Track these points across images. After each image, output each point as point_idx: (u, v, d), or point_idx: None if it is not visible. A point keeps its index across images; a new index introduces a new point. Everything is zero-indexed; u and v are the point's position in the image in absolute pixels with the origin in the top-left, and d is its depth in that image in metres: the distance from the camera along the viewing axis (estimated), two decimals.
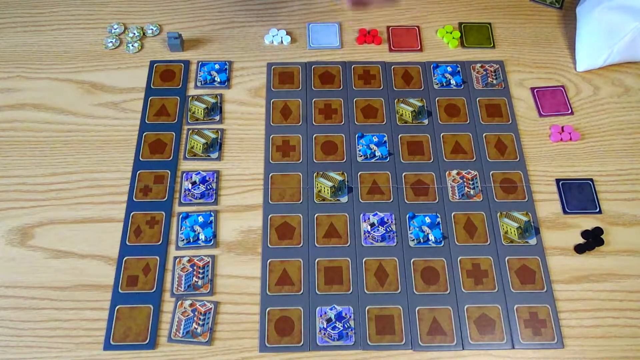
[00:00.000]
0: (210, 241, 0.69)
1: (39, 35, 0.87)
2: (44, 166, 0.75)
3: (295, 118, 0.79)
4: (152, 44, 0.86)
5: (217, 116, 0.79)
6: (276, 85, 0.82)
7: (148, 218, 0.71)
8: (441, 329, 0.64)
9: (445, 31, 0.87)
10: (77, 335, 0.63)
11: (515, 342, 0.64)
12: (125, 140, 0.77)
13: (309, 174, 0.74)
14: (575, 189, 0.74)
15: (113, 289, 0.66)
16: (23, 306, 0.65)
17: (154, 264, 0.68)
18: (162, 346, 0.63)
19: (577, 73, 0.84)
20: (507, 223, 0.71)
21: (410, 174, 0.74)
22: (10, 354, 0.62)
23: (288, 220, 0.71)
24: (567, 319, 0.65)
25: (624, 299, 0.66)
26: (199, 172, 0.74)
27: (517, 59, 0.85)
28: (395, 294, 0.66)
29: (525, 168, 0.75)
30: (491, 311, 0.65)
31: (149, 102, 0.80)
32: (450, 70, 0.83)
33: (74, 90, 0.81)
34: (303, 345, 0.63)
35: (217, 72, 0.83)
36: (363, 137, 0.77)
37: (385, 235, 0.70)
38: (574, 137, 0.77)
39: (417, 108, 0.80)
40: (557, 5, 0.92)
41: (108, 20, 0.88)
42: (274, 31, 0.87)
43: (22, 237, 0.69)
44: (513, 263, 0.68)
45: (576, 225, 0.71)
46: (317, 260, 0.68)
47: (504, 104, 0.80)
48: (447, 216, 0.71)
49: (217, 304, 0.65)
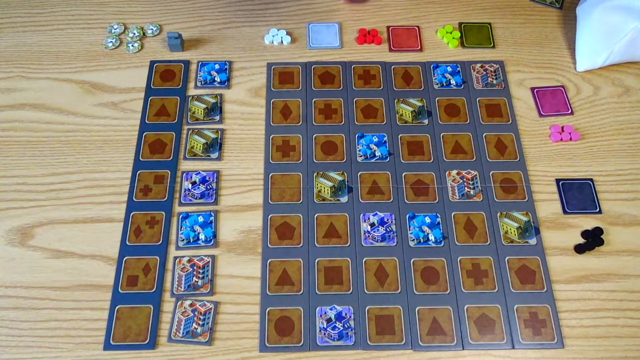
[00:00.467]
0: (210, 241, 0.69)
1: (39, 35, 0.87)
2: (44, 166, 0.75)
3: (295, 118, 0.79)
4: (152, 44, 0.86)
5: (217, 116, 0.79)
6: (276, 85, 0.82)
7: (148, 218, 0.71)
8: (441, 329, 0.64)
9: (445, 31, 0.87)
10: (77, 335, 0.63)
11: (515, 342, 0.64)
12: (125, 140, 0.77)
13: (309, 174, 0.74)
14: (575, 189, 0.74)
15: (113, 289, 0.66)
16: (23, 306, 0.65)
17: (154, 264, 0.68)
18: (162, 346, 0.63)
19: (577, 73, 0.84)
20: (507, 223, 0.71)
21: (410, 174, 0.74)
22: (10, 354, 0.62)
23: (288, 220, 0.71)
24: (567, 319, 0.65)
25: (624, 299, 0.66)
26: (199, 172, 0.74)
27: (517, 59, 0.85)
28: (395, 294, 0.66)
29: (525, 168, 0.75)
30: (491, 311, 0.65)
31: (149, 102, 0.80)
32: (450, 70, 0.83)
33: (74, 90, 0.81)
34: (303, 345, 0.63)
35: (217, 72, 0.83)
36: (363, 137, 0.77)
37: (385, 235, 0.70)
38: (574, 137, 0.77)
39: (417, 108, 0.80)
40: (557, 5, 0.92)
41: (108, 20, 0.88)
42: (274, 31, 0.87)
43: (22, 237, 0.69)
44: (513, 263, 0.68)
45: (576, 225, 0.71)
46: (317, 260, 0.68)
47: (504, 104, 0.80)
48: (447, 216, 0.71)
49: (217, 304, 0.65)
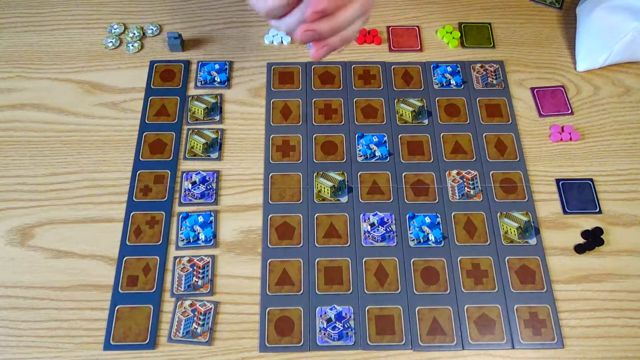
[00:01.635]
0: (210, 241, 0.69)
1: (39, 35, 0.87)
2: (44, 166, 0.75)
3: (295, 118, 0.79)
4: (152, 44, 0.86)
5: (217, 116, 0.79)
6: (276, 85, 0.82)
7: (148, 218, 0.71)
8: (441, 329, 0.64)
9: (445, 31, 0.87)
10: (77, 335, 0.63)
11: (515, 342, 0.64)
12: (125, 140, 0.77)
13: (309, 174, 0.74)
14: (575, 189, 0.74)
15: (113, 289, 0.66)
16: (23, 306, 0.65)
17: (154, 264, 0.68)
18: (162, 346, 0.63)
19: (577, 73, 0.84)
20: (507, 223, 0.71)
21: (410, 174, 0.74)
22: (10, 354, 0.62)
23: (288, 220, 0.71)
24: (567, 319, 0.65)
25: (624, 299, 0.66)
26: (199, 172, 0.74)
27: (517, 59, 0.85)
28: (395, 294, 0.66)
29: (525, 168, 0.75)
30: (491, 311, 0.65)
31: (149, 102, 0.80)
32: (450, 70, 0.83)
33: (74, 90, 0.81)
34: (303, 345, 0.63)
35: (217, 72, 0.83)
36: (363, 137, 0.77)
37: (385, 235, 0.70)
38: (574, 137, 0.77)
39: (417, 108, 0.80)
40: (557, 5, 0.92)
41: (108, 20, 0.88)
42: (274, 31, 0.87)
43: (22, 237, 0.69)
44: (513, 263, 0.68)
45: (576, 225, 0.71)
46: (317, 260, 0.68)
47: (504, 104, 0.80)
48: (447, 216, 0.71)
49: (217, 304, 0.65)
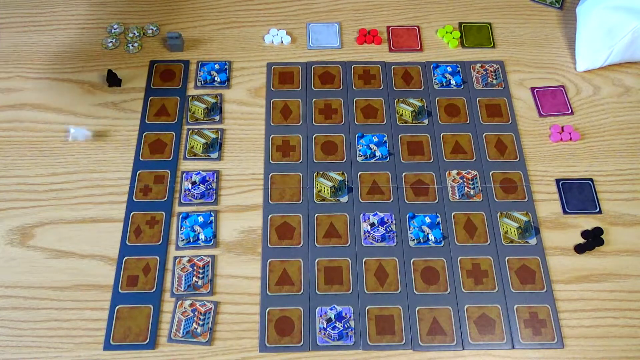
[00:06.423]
0: (210, 241, 0.69)
1: (39, 35, 0.87)
2: (44, 166, 0.75)
3: (295, 118, 0.79)
4: (152, 44, 0.86)
5: (217, 116, 0.79)
6: (276, 85, 0.82)
7: (148, 218, 0.71)
8: (441, 329, 0.64)
9: (445, 31, 0.87)
10: (77, 335, 0.63)
11: (515, 342, 0.64)
12: (125, 140, 0.77)
13: (309, 174, 0.74)
14: (575, 189, 0.74)
15: (113, 289, 0.66)
16: (23, 306, 0.65)
17: (154, 264, 0.68)
18: (162, 346, 0.63)
19: (577, 73, 0.84)
20: (507, 223, 0.71)
21: (410, 174, 0.74)
22: (10, 354, 0.62)
23: (288, 220, 0.71)
24: (567, 319, 0.65)
25: (624, 299, 0.66)
26: (199, 172, 0.74)
27: (517, 59, 0.85)
28: (395, 294, 0.66)
29: (525, 168, 0.75)
30: (491, 311, 0.65)
31: (149, 102, 0.80)
32: (450, 70, 0.83)
33: (74, 90, 0.81)
34: (303, 345, 0.63)
35: (217, 72, 0.83)
36: (363, 137, 0.77)
37: (385, 235, 0.70)
38: (574, 137, 0.77)
39: (417, 108, 0.80)
40: (557, 5, 0.92)
41: (108, 20, 0.88)
42: (274, 31, 0.87)
43: (22, 237, 0.69)
44: (513, 263, 0.68)
45: (576, 225, 0.71)
46: (317, 260, 0.68)
47: (504, 104, 0.80)
48: (447, 216, 0.71)
49: (217, 304, 0.65)
